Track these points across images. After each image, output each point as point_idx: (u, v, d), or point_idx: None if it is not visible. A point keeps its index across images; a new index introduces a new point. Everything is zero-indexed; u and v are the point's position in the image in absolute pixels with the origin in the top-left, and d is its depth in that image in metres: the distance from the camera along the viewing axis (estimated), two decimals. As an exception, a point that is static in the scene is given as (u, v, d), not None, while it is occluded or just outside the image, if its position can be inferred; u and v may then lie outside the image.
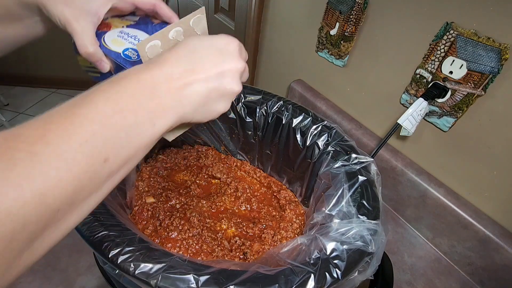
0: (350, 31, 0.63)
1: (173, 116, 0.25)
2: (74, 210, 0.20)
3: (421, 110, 0.51)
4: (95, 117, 0.20)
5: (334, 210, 0.40)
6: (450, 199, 0.55)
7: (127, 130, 0.22)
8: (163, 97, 0.24)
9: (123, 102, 0.22)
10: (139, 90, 0.23)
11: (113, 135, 0.21)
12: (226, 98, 0.28)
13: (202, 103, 0.26)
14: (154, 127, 0.23)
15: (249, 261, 0.43)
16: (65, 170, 0.18)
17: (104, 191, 0.22)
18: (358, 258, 0.32)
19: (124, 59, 0.33)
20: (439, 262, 0.58)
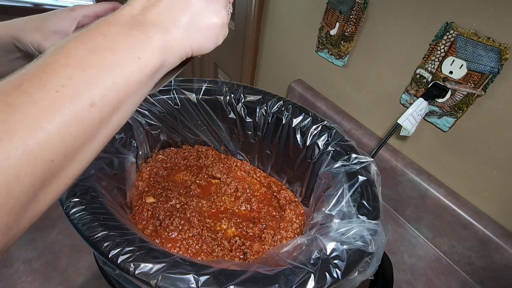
0: (350, 31, 0.63)
1: (158, 44, 0.22)
2: (71, 161, 0.19)
3: (421, 110, 0.51)
4: (69, 61, 0.19)
5: (334, 210, 0.40)
6: (450, 199, 0.55)
7: (108, 69, 0.20)
8: (140, 27, 0.22)
9: (97, 41, 0.20)
10: (113, 28, 0.21)
11: (93, 76, 0.19)
12: (215, 5, 0.25)
13: (191, 21, 0.24)
14: (140, 61, 0.21)
15: (249, 261, 0.43)
16: (46, 118, 0.17)
17: (101, 139, 0.21)
18: (358, 258, 0.32)
19: None
20: (439, 262, 0.58)
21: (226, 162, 0.60)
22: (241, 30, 1.01)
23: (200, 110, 0.56)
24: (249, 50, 0.99)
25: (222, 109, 0.56)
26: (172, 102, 0.53)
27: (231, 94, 0.55)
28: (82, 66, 0.19)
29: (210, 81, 0.56)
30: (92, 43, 0.20)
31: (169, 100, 0.53)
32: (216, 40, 0.26)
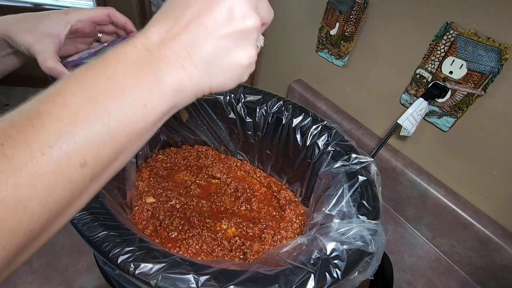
0: (350, 31, 0.63)
1: (170, 86, 0.19)
2: (53, 223, 0.17)
3: (421, 110, 0.51)
4: (62, 112, 0.16)
5: (334, 210, 0.40)
6: (450, 199, 0.55)
7: (106, 120, 0.17)
8: (152, 65, 0.19)
9: (99, 85, 0.17)
10: (120, 66, 0.18)
11: (88, 131, 0.16)
12: (243, 41, 0.21)
13: (213, 60, 0.20)
14: (146, 108, 0.18)
15: (249, 261, 0.43)
16: (26, 187, 0.15)
17: (91, 193, 0.19)
18: (358, 258, 0.32)
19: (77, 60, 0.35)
20: (439, 262, 0.58)
21: (226, 162, 0.60)
22: (241, 30, 1.01)
23: (200, 110, 0.56)
24: (249, 50, 0.99)
25: (222, 109, 0.56)
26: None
27: (231, 94, 0.55)
28: (76, 119, 0.16)
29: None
30: (93, 88, 0.17)
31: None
32: (240, 79, 0.23)
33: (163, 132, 0.58)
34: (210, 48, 0.20)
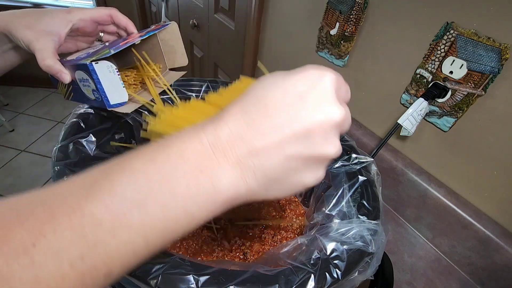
0: (350, 31, 0.63)
1: (225, 198, 0.18)
2: None
3: (421, 110, 0.51)
4: (105, 215, 0.15)
5: (334, 210, 0.40)
6: (450, 199, 0.55)
7: (148, 232, 0.16)
8: (212, 172, 0.17)
9: (151, 183, 0.16)
10: (179, 166, 0.16)
11: (124, 244, 0.15)
12: (316, 165, 0.19)
13: (277, 177, 0.18)
14: (192, 218, 0.17)
15: (249, 261, 0.43)
16: None
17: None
18: (358, 258, 0.32)
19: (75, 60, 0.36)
20: (439, 262, 0.58)
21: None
22: (241, 30, 1.01)
23: (200, 110, 0.56)
24: (249, 50, 0.99)
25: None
26: (172, 102, 0.53)
27: (231, 94, 0.55)
28: (117, 228, 0.15)
29: (210, 81, 0.56)
30: (145, 185, 0.16)
31: (169, 100, 0.53)
32: (298, 192, 0.22)
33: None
34: (278, 167, 0.18)
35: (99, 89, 0.35)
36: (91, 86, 0.36)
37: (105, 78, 0.35)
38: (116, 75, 0.36)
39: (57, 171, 0.33)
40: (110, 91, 0.37)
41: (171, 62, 0.47)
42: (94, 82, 0.35)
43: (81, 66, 0.34)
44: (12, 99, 2.13)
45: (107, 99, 0.37)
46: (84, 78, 0.35)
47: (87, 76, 0.35)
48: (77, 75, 0.36)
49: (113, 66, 0.36)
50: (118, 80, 0.37)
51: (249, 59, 1.01)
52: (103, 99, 0.36)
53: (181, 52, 0.42)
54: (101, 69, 0.35)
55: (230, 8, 1.07)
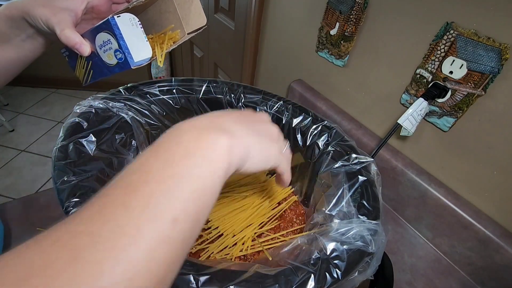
0: (350, 31, 0.63)
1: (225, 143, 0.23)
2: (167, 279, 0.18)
3: (421, 110, 0.51)
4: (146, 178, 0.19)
5: (334, 210, 0.40)
6: (450, 199, 0.55)
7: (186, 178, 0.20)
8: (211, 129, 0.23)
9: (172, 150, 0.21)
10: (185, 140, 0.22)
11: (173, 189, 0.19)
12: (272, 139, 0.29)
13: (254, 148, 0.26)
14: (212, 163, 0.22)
15: (249, 261, 0.43)
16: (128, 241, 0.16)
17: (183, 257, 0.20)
18: (358, 258, 0.32)
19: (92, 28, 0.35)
20: (439, 262, 0.58)
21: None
22: (241, 30, 1.01)
23: (200, 110, 0.56)
24: (249, 50, 0.99)
25: (222, 109, 0.56)
26: (172, 102, 0.53)
27: (231, 94, 0.55)
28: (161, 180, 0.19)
29: (210, 81, 0.56)
30: (166, 153, 0.21)
31: (169, 100, 0.53)
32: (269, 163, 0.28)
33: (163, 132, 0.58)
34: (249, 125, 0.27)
35: (122, 46, 0.34)
36: (113, 46, 0.35)
37: (128, 32, 0.34)
38: (139, 28, 0.35)
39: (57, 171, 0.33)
40: (133, 47, 0.35)
41: (189, 27, 0.45)
42: (117, 38, 0.34)
43: (102, 25, 0.33)
44: (12, 99, 2.13)
45: (130, 56, 0.35)
46: (105, 40, 0.34)
47: (109, 34, 0.34)
48: (97, 42, 0.35)
49: (136, 18, 0.35)
50: (141, 33, 0.36)
51: (249, 59, 1.01)
52: (127, 57, 0.35)
53: (198, 12, 0.41)
54: (124, 22, 0.34)
55: (230, 8, 1.07)
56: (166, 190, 0.18)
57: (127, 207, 0.17)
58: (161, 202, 0.18)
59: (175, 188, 0.19)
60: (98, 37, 0.35)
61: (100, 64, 0.37)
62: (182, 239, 0.18)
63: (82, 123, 0.40)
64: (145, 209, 0.17)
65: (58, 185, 0.31)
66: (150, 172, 0.19)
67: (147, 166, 0.20)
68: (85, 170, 0.34)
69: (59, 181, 0.32)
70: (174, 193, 0.19)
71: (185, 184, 0.19)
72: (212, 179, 0.21)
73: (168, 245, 0.17)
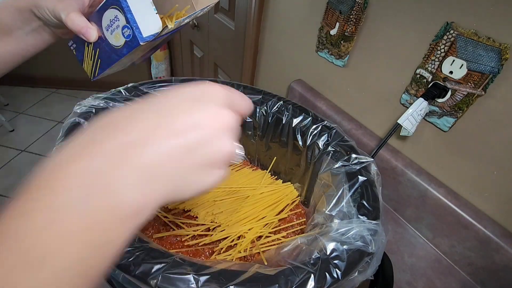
0: (350, 31, 0.63)
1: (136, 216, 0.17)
2: None
3: (421, 110, 0.51)
4: None
5: (334, 211, 0.40)
6: (450, 199, 0.55)
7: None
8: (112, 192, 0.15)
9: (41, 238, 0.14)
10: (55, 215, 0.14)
11: None
12: (211, 163, 0.19)
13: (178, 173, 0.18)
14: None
15: (249, 261, 0.43)
16: None
17: None
18: (358, 258, 0.32)
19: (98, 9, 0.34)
20: (439, 262, 0.58)
21: (226, 162, 0.60)
22: (241, 30, 1.01)
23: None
24: (249, 50, 0.99)
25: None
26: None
27: (231, 94, 0.55)
28: None
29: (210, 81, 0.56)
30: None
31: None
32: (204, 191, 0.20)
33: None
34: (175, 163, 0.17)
35: (130, 20, 0.33)
36: (120, 23, 0.33)
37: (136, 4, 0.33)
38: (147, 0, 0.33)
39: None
40: (142, 20, 0.34)
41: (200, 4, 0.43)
42: (124, 12, 0.32)
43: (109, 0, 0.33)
44: (12, 99, 2.13)
45: (139, 31, 0.34)
46: (112, 18, 0.33)
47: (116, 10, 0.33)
48: (104, 22, 0.34)
49: None
50: (150, 4, 0.33)
51: (249, 59, 1.01)
52: (135, 33, 0.33)
53: None
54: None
55: (230, 8, 1.07)
56: None
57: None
58: None
59: None
60: (105, 16, 0.34)
61: (108, 50, 0.36)
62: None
63: (82, 123, 0.40)
64: None
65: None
66: None
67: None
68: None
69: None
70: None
71: None
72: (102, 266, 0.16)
73: None
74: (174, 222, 0.46)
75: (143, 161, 0.16)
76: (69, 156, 0.16)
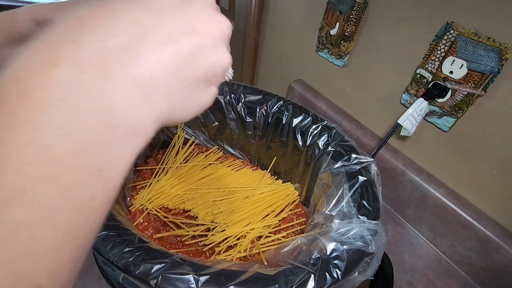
0: (350, 31, 0.63)
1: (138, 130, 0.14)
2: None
3: (421, 110, 0.51)
4: None
5: (334, 211, 0.40)
6: (450, 199, 0.55)
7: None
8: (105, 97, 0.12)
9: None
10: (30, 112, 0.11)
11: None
12: (207, 78, 0.17)
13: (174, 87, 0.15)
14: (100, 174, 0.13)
15: (249, 261, 0.43)
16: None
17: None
18: (358, 259, 0.32)
19: None
20: (439, 262, 0.58)
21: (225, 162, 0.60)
22: (241, 30, 1.01)
23: (200, 110, 0.56)
24: (249, 50, 0.99)
25: (222, 109, 0.56)
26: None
27: (231, 94, 0.55)
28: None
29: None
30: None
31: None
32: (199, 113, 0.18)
33: (163, 132, 0.58)
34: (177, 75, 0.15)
35: None
36: None
37: None
38: None
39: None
40: None
41: None
42: None
43: None
44: (12, 99, 2.13)
45: None
46: None
47: None
48: None
49: None
50: None
51: (249, 59, 1.01)
52: None
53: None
54: None
55: (230, 8, 1.07)
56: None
57: None
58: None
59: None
60: None
61: None
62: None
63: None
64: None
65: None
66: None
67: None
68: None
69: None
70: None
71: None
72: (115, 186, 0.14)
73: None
74: (174, 222, 0.46)
75: (137, 71, 0.13)
76: (46, 57, 0.12)
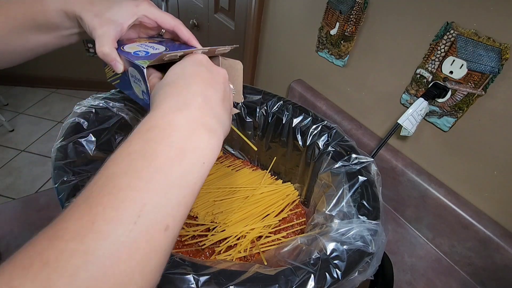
0: (350, 31, 0.63)
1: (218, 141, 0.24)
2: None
3: (421, 110, 0.51)
4: (138, 184, 0.18)
5: (334, 211, 0.40)
6: (450, 199, 0.55)
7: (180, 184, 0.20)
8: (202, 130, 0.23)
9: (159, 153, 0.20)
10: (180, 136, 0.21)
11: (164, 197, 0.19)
12: (229, 107, 0.29)
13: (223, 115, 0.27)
14: (204, 166, 0.22)
15: (249, 261, 0.43)
16: (126, 255, 0.16)
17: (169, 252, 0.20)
18: (358, 259, 0.32)
19: (132, 55, 0.35)
20: (440, 262, 0.58)
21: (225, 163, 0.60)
22: (241, 30, 1.01)
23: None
24: (249, 50, 0.99)
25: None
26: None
27: (231, 94, 0.55)
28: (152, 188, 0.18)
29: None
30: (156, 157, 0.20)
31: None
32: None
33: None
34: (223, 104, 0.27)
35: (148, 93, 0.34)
36: (141, 86, 0.34)
37: None
38: None
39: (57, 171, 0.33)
40: None
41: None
42: (146, 85, 0.33)
43: (136, 66, 0.33)
44: (12, 99, 2.13)
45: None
46: (137, 77, 0.34)
47: (140, 77, 0.33)
48: (131, 71, 0.35)
49: None
50: None
51: (249, 59, 1.01)
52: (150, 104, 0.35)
53: (238, 90, 0.41)
54: None
55: (230, 8, 1.07)
56: (158, 198, 0.18)
57: (120, 219, 0.17)
58: (153, 211, 0.18)
59: (167, 195, 0.19)
60: (131, 69, 0.34)
61: (128, 84, 0.37)
62: (171, 243, 0.19)
63: (82, 123, 0.40)
64: (137, 221, 0.17)
65: (58, 185, 0.31)
66: (140, 178, 0.18)
67: (135, 169, 0.19)
68: (85, 170, 0.34)
69: (59, 181, 0.32)
70: (166, 200, 0.19)
71: (178, 190, 0.19)
72: (202, 180, 0.22)
73: (159, 253, 0.18)
74: (174, 222, 0.46)
75: (217, 110, 0.26)
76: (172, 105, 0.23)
